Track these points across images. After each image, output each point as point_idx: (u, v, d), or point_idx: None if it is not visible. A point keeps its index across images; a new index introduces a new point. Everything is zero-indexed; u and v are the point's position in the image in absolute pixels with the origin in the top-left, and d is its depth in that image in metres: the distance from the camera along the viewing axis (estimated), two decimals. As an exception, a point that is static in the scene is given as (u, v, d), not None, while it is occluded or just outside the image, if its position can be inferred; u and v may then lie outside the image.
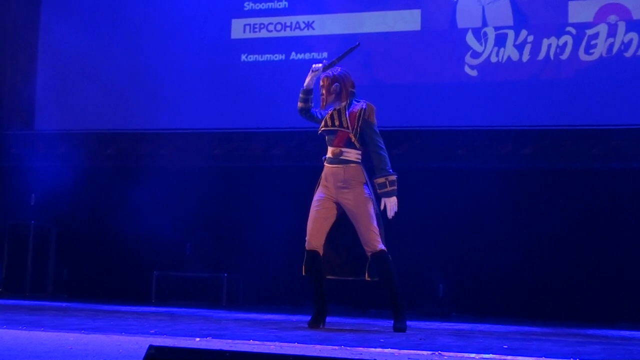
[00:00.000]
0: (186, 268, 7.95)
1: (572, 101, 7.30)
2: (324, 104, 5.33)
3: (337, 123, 5.25)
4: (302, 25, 8.00)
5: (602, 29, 7.26)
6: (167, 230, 7.92)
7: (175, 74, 8.14)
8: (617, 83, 7.18)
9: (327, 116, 5.33)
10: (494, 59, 7.48)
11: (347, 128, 5.21)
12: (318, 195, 5.30)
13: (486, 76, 7.51)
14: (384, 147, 5.19)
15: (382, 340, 4.50)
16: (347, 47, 5.56)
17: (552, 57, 7.34)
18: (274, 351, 3.60)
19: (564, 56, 7.32)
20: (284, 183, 7.79)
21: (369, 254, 5.14)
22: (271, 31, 8.09)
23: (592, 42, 7.27)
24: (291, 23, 8.04)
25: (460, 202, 7.40)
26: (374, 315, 7.03)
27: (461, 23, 7.62)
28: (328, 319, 5.30)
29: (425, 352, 3.86)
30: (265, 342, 4.09)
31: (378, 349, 3.97)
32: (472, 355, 3.84)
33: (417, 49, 7.70)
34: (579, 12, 7.34)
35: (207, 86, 8.07)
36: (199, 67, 8.10)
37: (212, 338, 4.22)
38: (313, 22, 7.98)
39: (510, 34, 7.47)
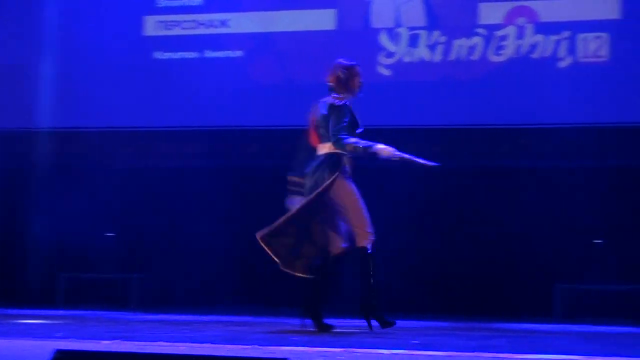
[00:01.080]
0: (94, 270, 7.79)
1: (482, 101, 7.45)
2: (357, 93, 5.28)
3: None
4: (217, 23, 7.95)
5: (511, 30, 7.44)
6: (74, 231, 7.77)
7: (87, 71, 7.98)
8: (525, 84, 7.36)
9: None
10: (407, 59, 7.59)
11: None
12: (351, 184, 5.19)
13: (399, 76, 7.60)
14: None
15: (293, 338, 4.51)
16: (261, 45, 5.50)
17: (463, 57, 7.49)
18: (184, 352, 3.58)
19: (475, 57, 7.48)
20: (195, 183, 7.73)
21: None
22: (185, 29, 8.01)
23: (502, 44, 7.44)
24: (206, 21, 7.98)
25: (372, 200, 7.45)
26: (286, 313, 7.04)
27: (375, 23, 7.70)
28: (239, 318, 5.28)
29: (337, 349, 3.89)
30: (175, 343, 4.05)
31: (290, 347, 3.98)
32: (383, 351, 3.89)
33: (332, 48, 7.73)
34: (489, 14, 7.50)
35: (119, 84, 7.92)
36: (111, 65, 7.95)
37: (121, 340, 4.16)
38: (228, 20, 7.94)
39: (423, 34, 7.58)
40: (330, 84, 5.31)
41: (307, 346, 4.05)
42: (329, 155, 5.13)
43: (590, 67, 7.26)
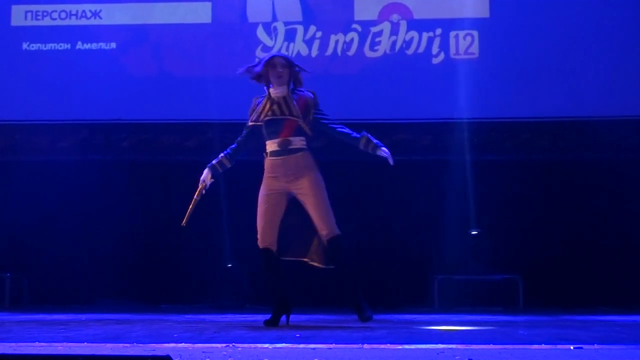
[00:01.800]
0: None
1: (359, 96, 7.55)
2: (279, 83, 5.13)
3: (286, 111, 5.10)
4: (89, 14, 7.74)
5: (386, 27, 7.58)
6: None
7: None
8: (399, 79, 7.51)
9: (265, 107, 5.14)
10: (284, 53, 7.59)
11: (298, 117, 5.08)
12: (264, 190, 5.14)
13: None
14: (340, 125, 5.26)
15: (175, 335, 4.46)
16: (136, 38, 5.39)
17: (339, 52, 7.57)
18: (62, 352, 3.47)
19: (351, 52, 7.57)
20: (69, 177, 7.51)
21: (326, 238, 5.05)
22: (55, 19, 7.75)
23: (377, 40, 7.57)
24: (77, 11, 7.75)
25: (246, 194, 7.45)
26: (167, 310, 6.95)
27: (252, 17, 7.69)
28: (118, 316, 5.17)
29: (219, 345, 3.87)
30: (52, 344, 3.92)
31: (172, 344, 3.92)
32: (266, 345, 3.89)
33: (208, 42, 7.68)
34: (363, 10, 7.61)
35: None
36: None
37: (-5, 342, 4.01)
38: (100, 11, 7.74)
39: (300, 29, 7.62)
40: None
41: (190, 342, 4.00)
42: None
43: (462, 64, 7.48)
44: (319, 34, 7.59)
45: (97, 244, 7.48)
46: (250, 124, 5.28)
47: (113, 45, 7.68)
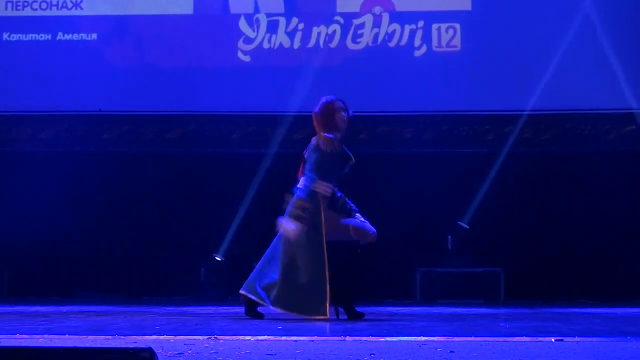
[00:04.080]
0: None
1: (341, 88, 7.49)
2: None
3: None
4: (70, 5, 7.67)
5: (368, 19, 7.57)
6: None
7: None
8: (382, 71, 7.51)
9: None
10: (266, 45, 7.58)
11: None
12: None
13: (259, 62, 7.59)
14: None
15: (157, 327, 4.46)
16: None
17: (322, 44, 7.56)
18: (43, 344, 3.46)
19: (333, 44, 7.56)
20: (52, 169, 7.46)
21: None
22: (36, 9, 7.68)
23: (359, 32, 7.56)
24: (58, 2, 7.68)
25: (233, 187, 7.47)
26: (148, 302, 6.94)
27: (234, 9, 7.66)
28: (99, 308, 5.15)
29: (201, 337, 3.87)
30: (33, 335, 3.91)
31: (153, 337, 3.93)
32: (248, 337, 3.90)
33: (190, 33, 7.65)
34: (346, 2, 7.61)
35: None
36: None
37: (-25, 334, 3.98)
38: (81, 1, 7.68)
39: (282, 21, 7.60)
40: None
41: (172, 335, 4.00)
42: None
43: (444, 56, 7.49)
44: (301, 26, 7.58)
45: (78, 236, 7.44)
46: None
47: (94, 36, 7.63)
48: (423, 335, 3.97)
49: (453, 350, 3.39)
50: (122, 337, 3.88)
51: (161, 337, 3.88)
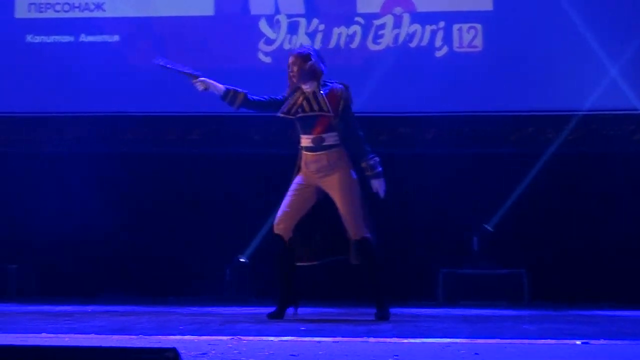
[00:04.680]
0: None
1: (361, 89, 7.52)
2: (294, 82, 5.03)
3: (316, 107, 5.02)
4: (92, 7, 7.72)
5: (389, 20, 7.56)
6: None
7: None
8: (402, 73, 7.49)
9: (297, 100, 5.06)
10: (287, 46, 7.59)
11: (329, 112, 5.00)
12: (298, 180, 5.08)
13: (280, 63, 7.54)
14: (362, 136, 5.08)
15: (181, 327, 4.47)
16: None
17: (342, 45, 7.55)
18: (68, 344, 3.49)
19: (354, 45, 7.55)
20: (77, 170, 7.51)
21: (353, 239, 4.97)
22: (58, 11, 7.74)
23: (380, 33, 7.55)
24: (80, 3, 7.73)
25: (251, 187, 7.48)
26: (171, 302, 6.96)
27: (254, 10, 7.67)
28: (124, 308, 5.17)
29: (224, 337, 3.89)
30: (59, 335, 3.94)
31: (177, 337, 3.95)
32: (271, 338, 3.91)
33: (211, 35, 7.68)
34: (366, 3, 7.59)
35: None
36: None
37: (0, 333, 4.01)
38: (103, 3, 7.72)
39: (302, 22, 7.60)
40: None
41: (195, 335, 4.02)
42: None
43: (465, 57, 7.47)
44: (321, 27, 7.58)
45: (103, 236, 7.48)
46: (280, 115, 5.22)
47: (116, 37, 7.67)
48: (447, 337, 3.96)
49: (477, 352, 3.38)
50: (146, 337, 3.91)
51: (185, 337, 3.91)
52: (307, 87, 5.10)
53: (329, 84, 5.13)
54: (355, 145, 5.09)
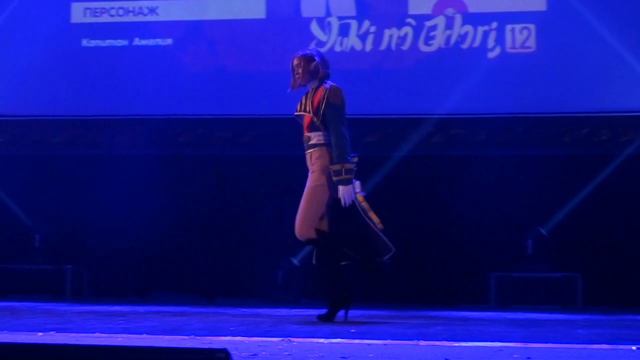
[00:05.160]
0: (27, 260, 7.62)
1: (413, 91, 7.52)
2: (297, 84, 5.10)
3: (303, 108, 5.09)
4: (146, 11, 7.83)
5: (440, 21, 7.52)
6: (7, 221, 7.62)
7: (13, 59, 7.78)
8: (454, 74, 7.45)
9: (301, 100, 5.15)
10: (337, 48, 7.60)
11: (309, 112, 5.06)
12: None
13: (330, 65, 7.57)
14: (344, 132, 4.97)
15: (231, 328, 4.49)
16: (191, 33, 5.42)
17: (393, 47, 7.53)
18: (121, 343, 3.52)
19: (405, 46, 7.53)
20: (130, 172, 7.62)
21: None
22: (113, 16, 7.86)
23: (431, 34, 7.51)
24: (134, 8, 7.85)
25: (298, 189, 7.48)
26: (222, 303, 7.01)
27: (305, 12, 7.69)
28: (175, 309, 5.22)
29: (275, 339, 3.89)
30: (112, 335, 3.99)
31: (228, 337, 3.96)
32: (321, 340, 3.90)
33: (262, 37, 7.71)
34: (418, 4, 7.56)
35: (46, 72, 7.76)
36: (38, 52, 7.77)
37: (56, 332, 4.08)
38: (157, 7, 7.82)
39: (354, 24, 7.60)
40: None
41: (246, 336, 4.03)
42: None
43: (518, 58, 7.39)
44: (372, 29, 7.57)
45: (154, 237, 7.57)
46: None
47: (169, 41, 7.77)
48: (498, 341, 3.91)
49: (530, 356, 3.33)
50: (198, 337, 3.93)
51: (235, 338, 3.92)
52: (309, 87, 5.14)
53: (324, 84, 5.11)
54: (333, 147, 5.03)
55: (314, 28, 7.64)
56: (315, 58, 5.14)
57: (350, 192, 4.95)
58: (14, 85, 7.75)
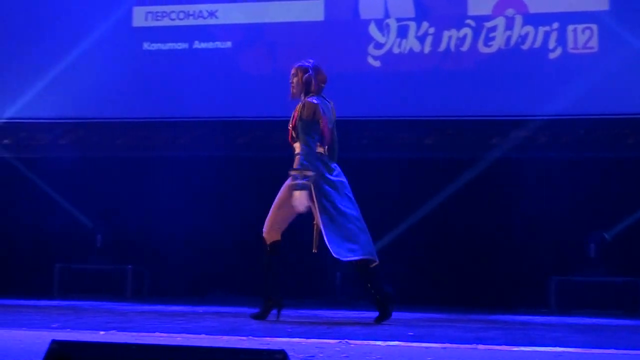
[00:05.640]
0: (89, 260, 7.78)
1: (472, 92, 7.45)
2: (292, 95, 5.24)
3: (291, 120, 5.25)
4: (206, 14, 7.91)
5: (500, 22, 7.44)
6: (70, 222, 7.78)
7: (75, 62, 7.93)
8: (515, 75, 7.37)
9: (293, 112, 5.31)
10: (396, 50, 7.57)
11: (289, 124, 5.19)
12: None
13: (389, 67, 7.59)
14: (310, 144, 5.10)
15: (289, 329, 4.51)
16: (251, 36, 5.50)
17: (452, 48, 7.48)
18: (180, 343, 3.56)
19: (464, 48, 7.47)
20: (190, 174, 7.72)
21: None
22: (174, 19, 7.96)
23: (491, 35, 7.44)
24: (194, 11, 7.94)
25: (363, 191, 7.48)
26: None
27: (364, 14, 7.68)
28: (234, 309, 5.27)
29: (332, 341, 3.90)
30: (171, 334, 4.05)
31: (286, 339, 3.98)
32: (379, 342, 3.90)
33: (321, 40, 7.72)
34: (477, 5, 7.49)
35: (109, 75, 7.88)
36: (100, 56, 7.92)
37: (117, 331, 4.15)
38: (216, 10, 7.90)
39: (412, 25, 7.57)
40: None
41: (303, 337, 4.05)
42: None
43: (580, 58, 7.27)
44: (431, 30, 7.52)
45: (214, 238, 7.64)
46: None
47: (228, 44, 7.83)
48: (559, 346, 3.86)
49: (591, 362, 3.28)
50: (255, 338, 3.96)
51: (293, 340, 3.93)
52: (301, 99, 5.22)
53: (306, 99, 5.19)
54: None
55: (373, 30, 7.63)
56: (309, 71, 5.20)
57: (303, 199, 5.06)
58: (77, 88, 7.89)
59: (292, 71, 5.29)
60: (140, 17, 8.01)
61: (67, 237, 7.85)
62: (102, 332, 4.08)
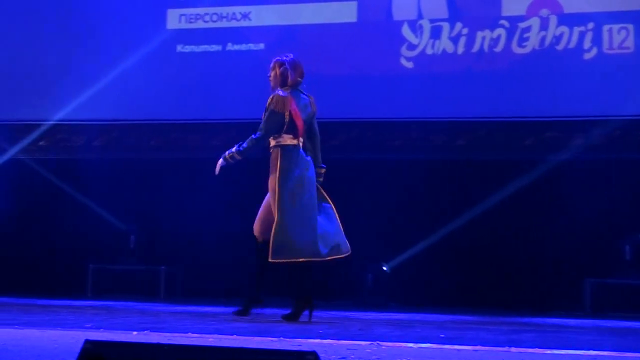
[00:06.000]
0: (122, 261, 7.85)
1: (506, 93, 7.40)
2: (272, 89, 5.32)
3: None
4: (239, 16, 7.94)
5: (535, 22, 7.38)
6: (103, 223, 7.85)
7: (110, 64, 8.01)
8: (549, 76, 7.30)
9: None
10: (429, 51, 7.54)
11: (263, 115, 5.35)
12: None
13: (422, 68, 7.56)
14: (259, 135, 5.42)
15: (320, 331, 4.51)
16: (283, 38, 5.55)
17: (486, 49, 7.43)
18: (212, 344, 3.59)
19: (498, 49, 7.42)
20: (223, 175, 7.73)
21: None
22: (207, 22, 8.01)
23: (525, 35, 7.38)
24: (227, 14, 7.98)
25: (395, 192, 7.48)
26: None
27: (397, 15, 7.67)
28: (265, 310, 5.30)
29: (363, 343, 3.89)
30: (203, 335, 4.07)
31: (317, 340, 3.98)
32: (410, 344, 3.89)
33: (354, 41, 7.72)
34: (511, 6, 7.44)
35: (143, 77, 7.95)
36: (134, 58, 7.98)
37: (150, 331, 4.19)
38: (249, 12, 7.93)
39: (445, 26, 7.54)
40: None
41: (335, 339, 4.05)
42: None
43: (616, 59, 7.19)
44: (465, 31, 7.48)
45: (244, 240, 7.65)
46: None
47: (262, 46, 7.86)
48: (593, 350, 3.81)
49: (625, 366, 3.24)
50: (287, 339, 3.97)
51: (324, 341, 3.93)
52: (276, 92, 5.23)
53: (276, 92, 5.21)
54: (282, 150, 5.37)
55: (405, 31, 7.61)
56: (286, 64, 5.24)
57: (219, 165, 5.52)
58: (110, 90, 7.97)
59: (271, 65, 5.37)
60: (174, 19, 8.06)
61: (100, 238, 7.93)
62: (134, 333, 4.11)
